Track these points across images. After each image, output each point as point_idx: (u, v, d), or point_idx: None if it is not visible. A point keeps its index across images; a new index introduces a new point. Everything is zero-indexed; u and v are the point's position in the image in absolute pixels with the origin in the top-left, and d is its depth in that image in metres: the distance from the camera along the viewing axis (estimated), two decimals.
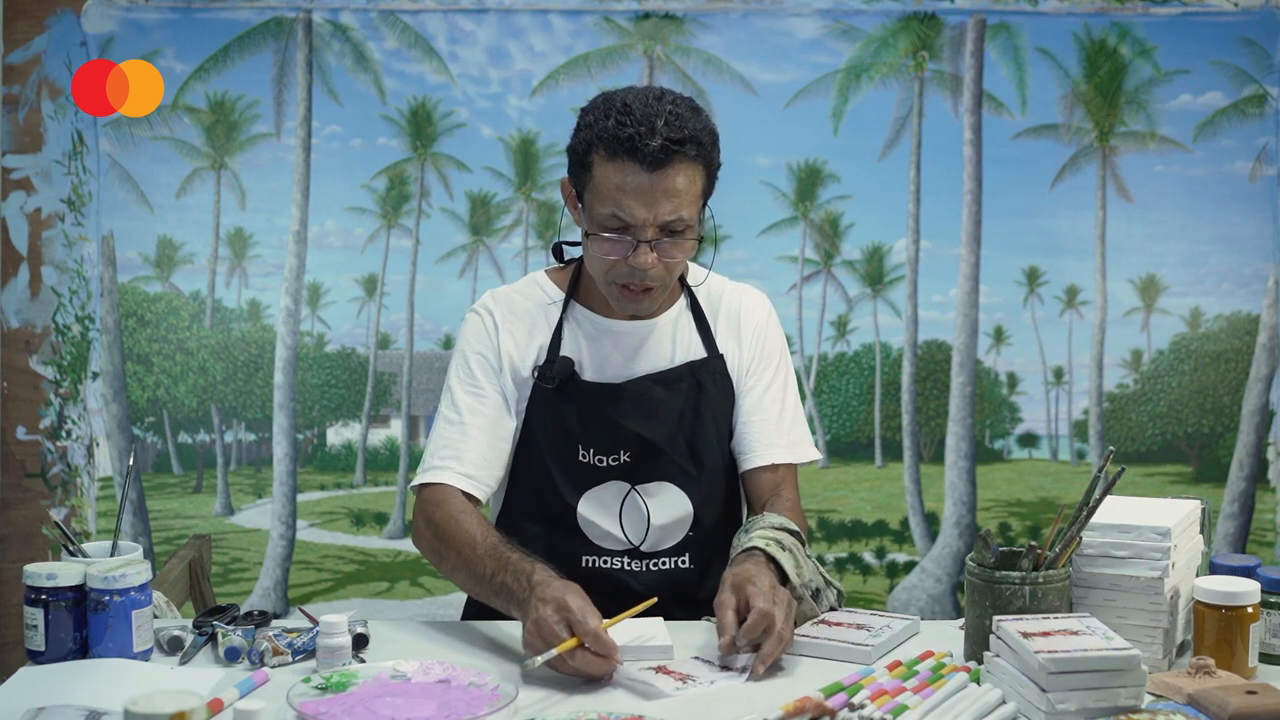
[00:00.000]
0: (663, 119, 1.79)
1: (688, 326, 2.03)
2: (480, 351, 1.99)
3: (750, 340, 2.04)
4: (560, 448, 1.96)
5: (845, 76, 3.14)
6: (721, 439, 2.01)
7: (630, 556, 1.97)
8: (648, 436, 1.94)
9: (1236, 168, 3.14)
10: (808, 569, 1.84)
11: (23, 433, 3.11)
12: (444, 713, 1.50)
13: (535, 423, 1.98)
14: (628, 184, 1.81)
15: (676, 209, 1.82)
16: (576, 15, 3.12)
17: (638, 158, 1.79)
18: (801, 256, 3.19)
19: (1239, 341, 3.18)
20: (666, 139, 1.79)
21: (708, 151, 1.86)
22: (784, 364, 2.07)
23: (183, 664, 1.69)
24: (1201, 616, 1.63)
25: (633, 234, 1.83)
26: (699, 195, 1.86)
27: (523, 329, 1.99)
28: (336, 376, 3.19)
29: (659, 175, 1.80)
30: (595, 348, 1.98)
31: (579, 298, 2.02)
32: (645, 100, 1.83)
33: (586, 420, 1.95)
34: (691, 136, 1.81)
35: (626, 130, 1.79)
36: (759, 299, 2.10)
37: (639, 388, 1.96)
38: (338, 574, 3.20)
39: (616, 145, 1.80)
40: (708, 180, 1.88)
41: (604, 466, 1.95)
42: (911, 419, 3.21)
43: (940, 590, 3.20)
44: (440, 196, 3.15)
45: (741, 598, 1.68)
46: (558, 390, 1.95)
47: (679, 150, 1.80)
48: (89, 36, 3.07)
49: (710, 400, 1.99)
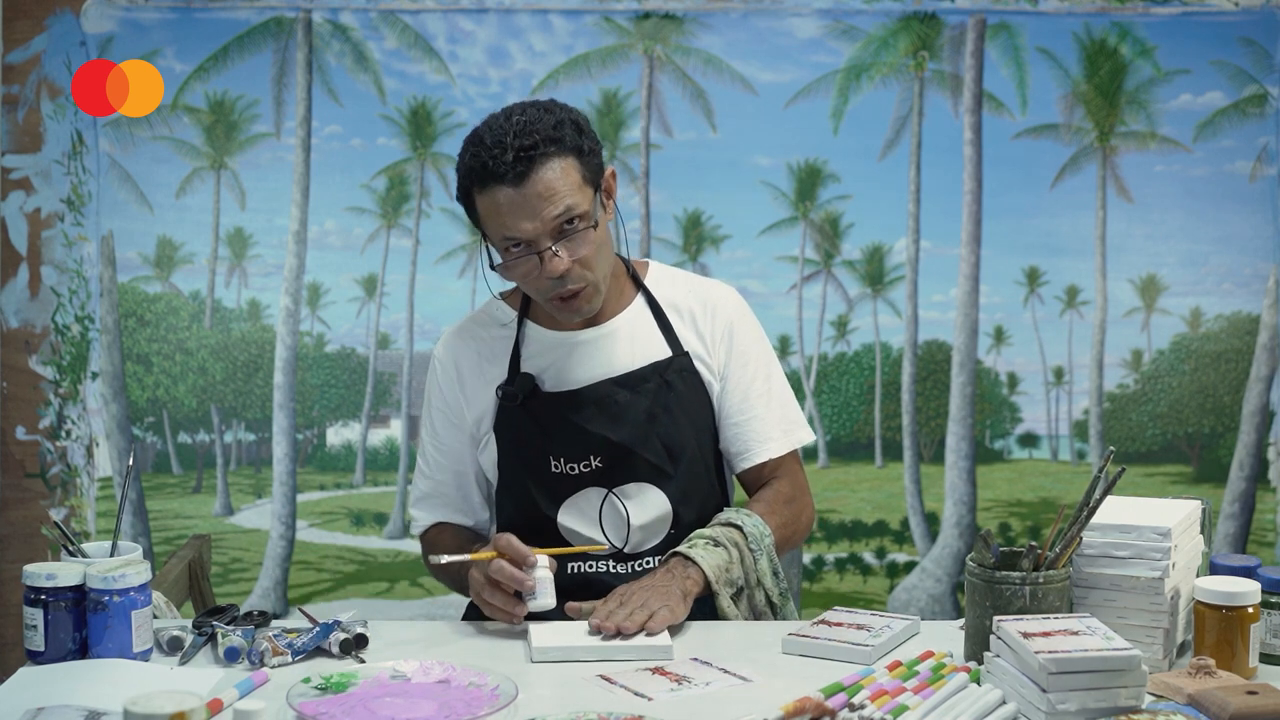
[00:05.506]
0: (511, 134, 1.83)
1: (646, 327, 2.03)
2: (439, 407, 2.08)
3: (721, 336, 2.04)
4: (533, 462, 1.99)
5: (845, 76, 3.14)
6: (699, 434, 2.02)
7: (615, 560, 1.98)
8: (615, 439, 1.95)
9: (1237, 168, 3.14)
10: (739, 569, 1.90)
11: (22, 433, 3.11)
12: (444, 713, 1.50)
13: (506, 442, 2.02)
14: (503, 205, 1.84)
15: (558, 205, 1.84)
16: (576, 15, 3.12)
17: (501, 179, 1.83)
18: (801, 256, 3.19)
19: (1239, 341, 3.18)
20: (518, 150, 1.82)
21: (571, 142, 1.87)
22: (762, 353, 2.07)
23: (182, 664, 1.69)
24: (1202, 617, 1.63)
25: (532, 248, 1.86)
26: (580, 183, 1.87)
27: (478, 372, 2.05)
28: (336, 376, 3.19)
29: (527, 184, 1.83)
30: (554, 360, 2.01)
31: (532, 315, 2.04)
32: (494, 124, 1.87)
33: (552, 431, 1.97)
34: (544, 136, 1.84)
35: (481, 159, 1.84)
36: (724, 292, 2.10)
37: (600, 392, 1.97)
38: (338, 574, 3.20)
39: (481, 176, 1.85)
40: (585, 168, 1.88)
41: (576, 474, 1.97)
42: (912, 419, 3.21)
43: (940, 590, 3.20)
44: (440, 196, 3.15)
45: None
46: (522, 406, 1.98)
47: (535, 153, 1.83)
48: (89, 36, 3.07)
49: (682, 398, 2.00)
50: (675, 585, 1.82)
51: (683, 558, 1.88)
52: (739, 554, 1.90)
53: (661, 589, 1.81)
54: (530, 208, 1.83)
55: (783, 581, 1.95)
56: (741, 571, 1.90)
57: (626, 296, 2.04)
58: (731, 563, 1.88)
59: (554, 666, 1.68)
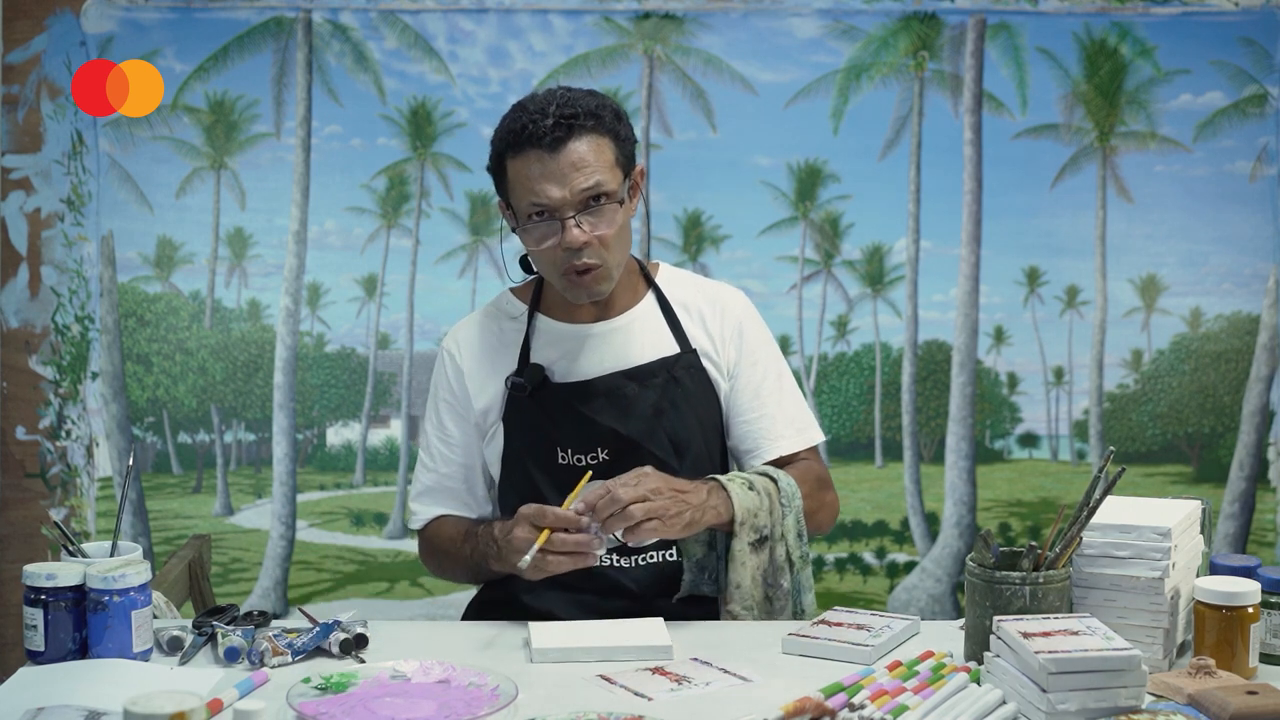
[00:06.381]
0: (555, 103, 1.87)
1: (656, 323, 2.05)
2: (446, 398, 2.08)
3: (731, 336, 2.06)
4: (540, 453, 2.00)
5: (845, 76, 3.14)
6: (705, 431, 2.03)
7: (618, 553, 1.98)
8: (623, 432, 1.97)
9: (1237, 168, 3.14)
10: (766, 518, 1.90)
11: (22, 433, 3.11)
12: (444, 713, 1.50)
13: (514, 432, 2.02)
14: (535, 170, 1.87)
15: (588, 178, 1.87)
16: (576, 15, 3.12)
17: (538, 143, 1.86)
18: (801, 256, 3.19)
19: (1239, 341, 3.18)
20: (559, 117, 1.86)
21: (609, 124, 1.91)
22: (771, 354, 2.10)
23: (182, 664, 1.69)
24: (1202, 617, 1.63)
25: (556, 216, 1.87)
26: (612, 164, 1.90)
27: (486, 363, 2.05)
28: (336, 376, 3.19)
29: (562, 153, 1.86)
30: (564, 353, 2.02)
31: (543, 308, 2.06)
32: (538, 95, 1.92)
33: (561, 421, 1.98)
34: (586, 111, 1.88)
35: (521, 121, 1.88)
36: (733, 294, 2.13)
37: (610, 384, 1.99)
38: (338, 574, 3.20)
39: (518, 139, 1.88)
40: (620, 152, 1.92)
41: (584, 466, 1.98)
42: (912, 419, 3.21)
43: (940, 590, 3.20)
44: (440, 196, 3.15)
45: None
46: (532, 397, 1.99)
47: (575, 124, 1.87)
48: (89, 36, 3.06)
49: (689, 394, 2.01)
50: (689, 512, 1.83)
51: (719, 486, 1.89)
52: (769, 504, 1.92)
53: (675, 503, 1.82)
54: (561, 175, 1.86)
55: (805, 544, 1.96)
56: (769, 521, 1.91)
57: (638, 293, 2.07)
58: (760, 509, 1.90)
59: (554, 666, 1.69)
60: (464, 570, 2.03)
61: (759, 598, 1.92)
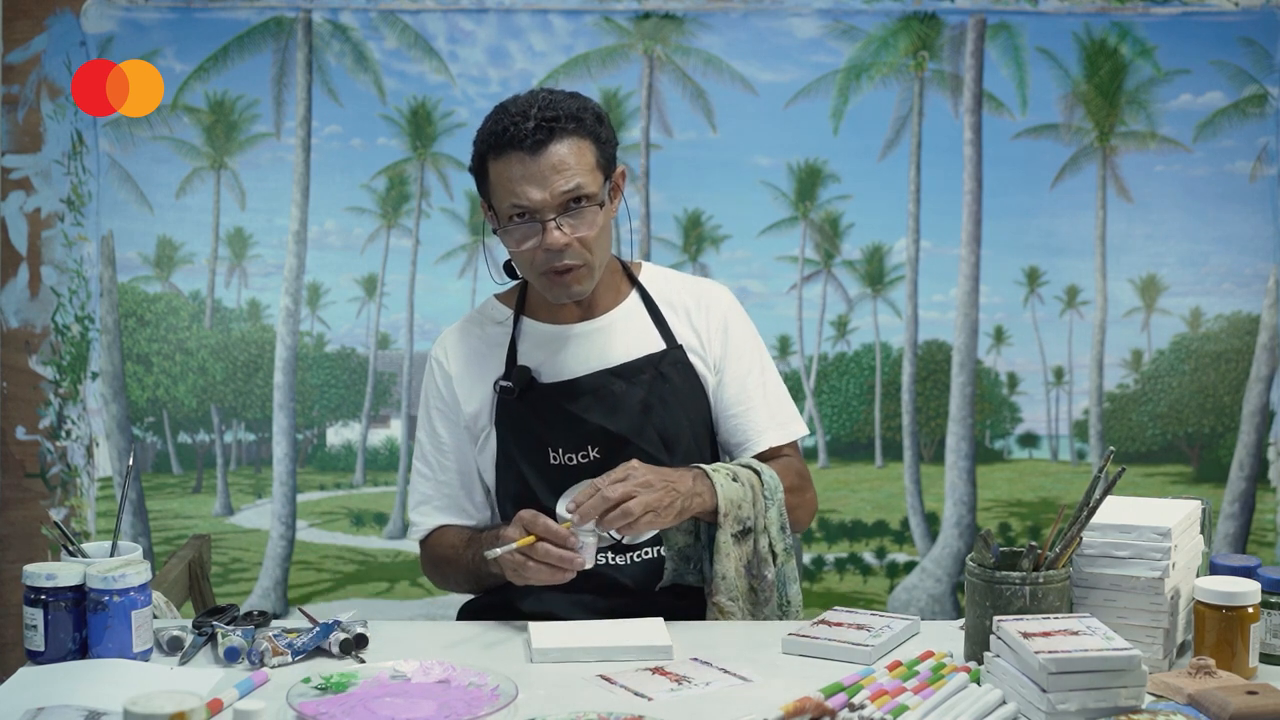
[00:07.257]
0: (536, 105, 1.90)
1: (641, 321, 2.06)
2: (437, 405, 2.09)
3: (717, 330, 2.08)
4: (531, 454, 2.01)
5: (845, 76, 3.14)
6: (694, 426, 2.04)
7: (614, 551, 1.98)
8: (612, 429, 1.97)
9: (1237, 168, 3.14)
10: (749, 509, 1.91)
11: (22, 433, 3.11)
12: (444, 713, 1.50)
13: (506, 435, 2.03)
14: (516, 172, 1.89)
15: (569, 181, 1.89)
16: (576, 15, 3.12)
17: (519, 145, 1.88)
18: (801, 256, 3.19)
19: (1239, 341, 3.18)
20: (540, 120, 1.88)
21: (590, 127, 1.93)
22: (756, 349, 2.11)
23: (182, 664, 1.69)
24: (1202, 617, 1.63)
25: (537, 218, 1.89)
26: (593, 166, 1.92)
27: (474, 368, 2.06)
28: (336, 376, 3.19)
29: (543, 155, 1.88)
30: (550, 354, 2.03)
31: (527, 312, 2.07)
32: (520, 98, 1.95)
33: (551, 421, 1.99)
34: (567, 113, 1.90)
35: (503, 123, 1.90)
36: (717, 289, 2.14)
37: (597, 382, 2.00)
38: (338, 574, 3.20)
39: (499, 141, 1.90)
40: (600, 154, 1.94)
41: (575, 465, 1.98)
42: (912, 419, 3.21)
43: (940, 590, 3.20)
44: (440, 196, 3.15)
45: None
46: (520, 399, 2.00)
47: (556, 126, 1.89)
48: (89, 36, 3.06)
49: (677, 390, 2.02)
50: (680, 500, 1.85)
51: (704, 475, 1.90)
52: (753, 495, 1.93)
53: (668, 493, 1.83)
54: (542, 177, 1.88)
55: (788, 537, 1.97)
56: (752, 513, 1.92)
57: (621, 292, 2.08)
58: (744, 501, 1.92)
59: (554, 666, 1.69)
60: (466, 577, 2.03)
61: (744, 589, 1.93)
